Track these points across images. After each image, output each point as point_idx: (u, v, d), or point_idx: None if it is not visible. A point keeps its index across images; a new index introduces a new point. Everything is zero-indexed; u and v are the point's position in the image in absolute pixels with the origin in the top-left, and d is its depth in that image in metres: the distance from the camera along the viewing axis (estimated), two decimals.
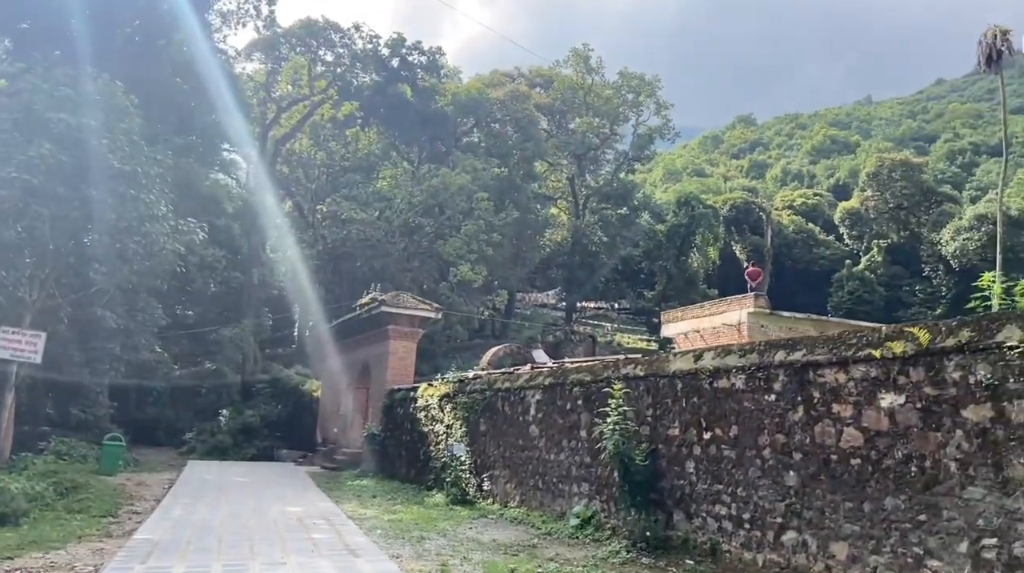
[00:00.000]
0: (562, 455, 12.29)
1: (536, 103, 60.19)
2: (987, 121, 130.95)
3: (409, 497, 15.86)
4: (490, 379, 15.08)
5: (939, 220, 69.10)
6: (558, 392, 12.62)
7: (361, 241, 44.19)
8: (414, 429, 18.28)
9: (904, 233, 72.21)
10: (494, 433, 14.60)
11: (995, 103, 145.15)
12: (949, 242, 64.00)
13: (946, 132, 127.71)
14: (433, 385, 17.83)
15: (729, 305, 26.05)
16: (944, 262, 65.13)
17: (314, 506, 14.11)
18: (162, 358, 32.97)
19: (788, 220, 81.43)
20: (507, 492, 13.83)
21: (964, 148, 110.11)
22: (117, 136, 14.98)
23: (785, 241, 77.40)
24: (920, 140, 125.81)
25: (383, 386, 20.96)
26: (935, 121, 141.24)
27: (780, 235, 76.24)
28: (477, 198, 44.28)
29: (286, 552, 9.30)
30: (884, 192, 73.21)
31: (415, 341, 21.45)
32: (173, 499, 14.65)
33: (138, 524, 11.83)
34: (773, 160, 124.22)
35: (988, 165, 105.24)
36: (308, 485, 18.05)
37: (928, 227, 69.55)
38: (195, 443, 29.92)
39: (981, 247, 61.80)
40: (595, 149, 62.74)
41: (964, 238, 63.11)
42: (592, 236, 59.95)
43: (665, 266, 61.55)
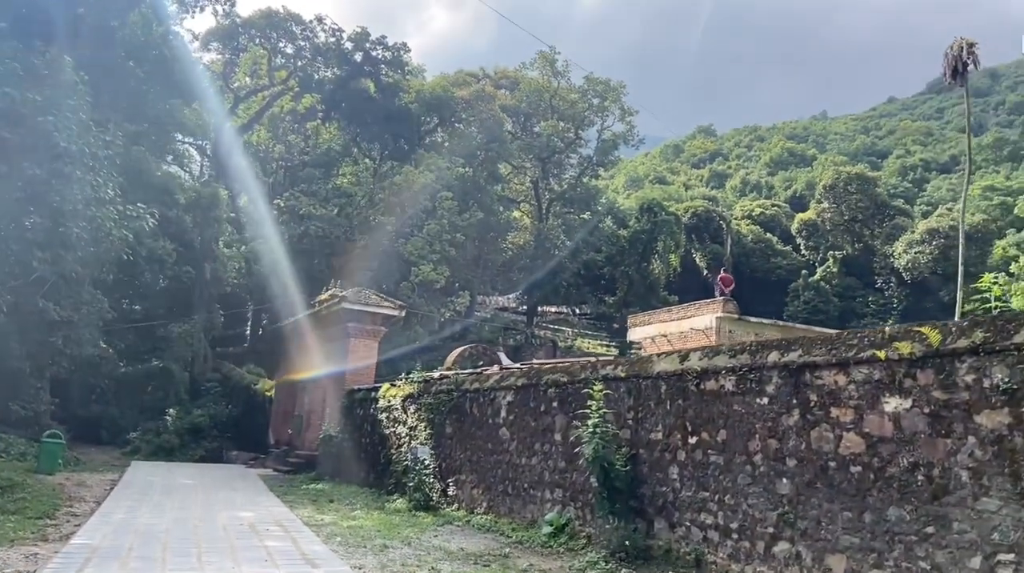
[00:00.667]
0: (534, 459, 11.74)
1: (502, 104, 59.72)
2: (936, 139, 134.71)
3: (369, 502, 15.14)
4: (457, 379, 14.47)
5: (892, 233, 70.63)
6: (531, 393, 12.07)
7: (320, 238, 43.11)
8: (375, 431, 17.56)
9: (858, 245, 73.64)
10: (461, 436, 13.99)
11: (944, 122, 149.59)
12: (902, 255, 65.42)
13: (898, 148, 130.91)
14: (396, 385, 17.14)
15: (698, 309, 25.84)
16: (896, 274, 66.57)
17: (267, 511, 13.31)
18: (107, 354, 31.57)
19: (747, 229, 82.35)
20: (474, 498, 13.23)
21: (915, 164, 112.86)
22: (64, 114, 14.01)
23: (744, 250, 78.27)
24: (873, 155, 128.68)
25: (342, 386, 20.16)
26: (887, 137, 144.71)
27: (739, 244, 77.04)
28: (441, 197, 43.62)
29: (237, 562, 8.57)
30: (840, 204, 74.62)
31: (377, 339, 20.71)
32: (115, 502, 13.70)
33: (76, 527, 10.94)
34: (733, 170, 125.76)
35: (938, 181, 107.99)
36: (260, 489, 17.18)
37: (881, 240, 71.07)
38: (140, 443, 28.68)
39: (932, 260, 63.30)
40: (560, 153, 62.43)
41: (916, 251, 64.56)
42: (555, 240, 59.64)
43: (627, 271, 61.52)
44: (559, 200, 62.86)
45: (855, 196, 74.91)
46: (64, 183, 13.92)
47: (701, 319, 24.66)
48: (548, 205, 62.41)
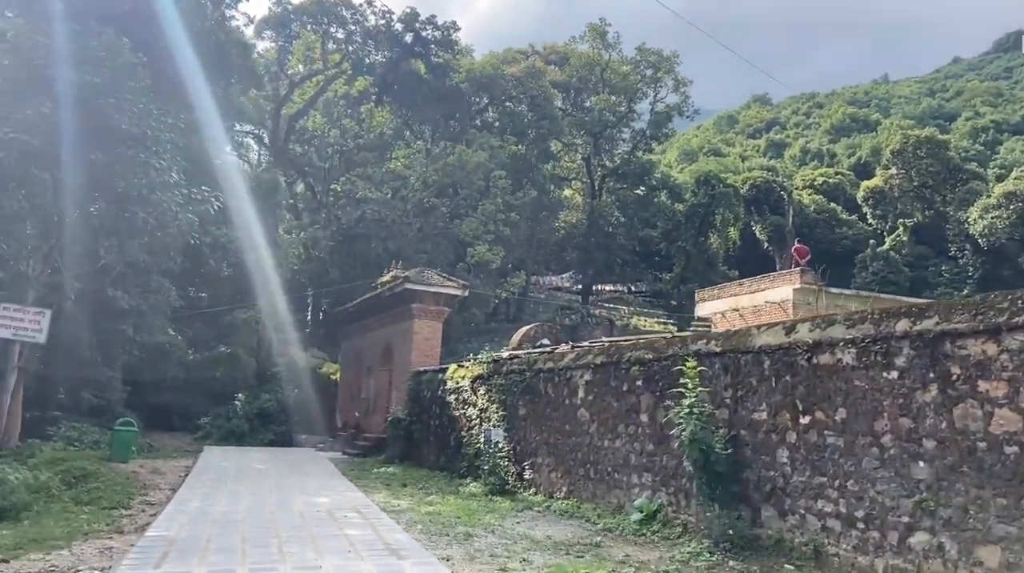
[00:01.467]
0: (618, 442, 11.10)
1: (552, 80, 58.63)
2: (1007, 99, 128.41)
3: (442, 486, 14.74)
4: (529, 359, 13.89)
5: (965, 198, 67.38)
6: (612, 372, 11.41)
7: (376, 222, 42.98)
8: (443, 413, 17.14)
9: (929, 212, 70.54)
10: (535, 417, 13.42)
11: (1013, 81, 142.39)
12: (977, 221, 62.36)
13: (966, 110, 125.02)
14: (464, 366, 16.66)
15: (772, 281, 24.72)
16: (971, 241, 63.54)
17: (342, 497, 12.99)
18: (176, 341, 31.90)
19: (809, 199, 79.74)
20: (552, 481, 12.67)
21: (986, 126, 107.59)
22: (124, 96, 13.77)
23: (807, 221, 75.89)
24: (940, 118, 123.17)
25: (407, 368, 19.82)
26: (955, 99, 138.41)
27: (801, 215, 74.71)
28: (494, 176, 43.02)
29: (320, 552, 8.17)
30: (909, 170, 71.48)
31: (441, 320, 20.28)
32: (189, 489, 13.57)
33: (152, 517, 10.74)
34: (791, 139, 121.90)
35: (1011, 143, 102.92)
36: (332, 473, 16.95)
37: (954, 206, 67.87)
38: (211, 428, 29.01)
39: (1010, 225, 60.23)
40: (612, 127, 61.08)
41: (993, 216, 61.44)
42: (609, 217, 58.49)
43: (684, 247, 60.10)
44: (612, 176, 61.66)
45: (925, 160, 71.67)
46: (127, 167, 13.71)
47: (777, 291, 23.56)
48: (601, 181, 61.28)
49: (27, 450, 15.59)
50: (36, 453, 15.33)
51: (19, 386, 16.33)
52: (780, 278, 24.55)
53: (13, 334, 14.23)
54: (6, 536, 8.67)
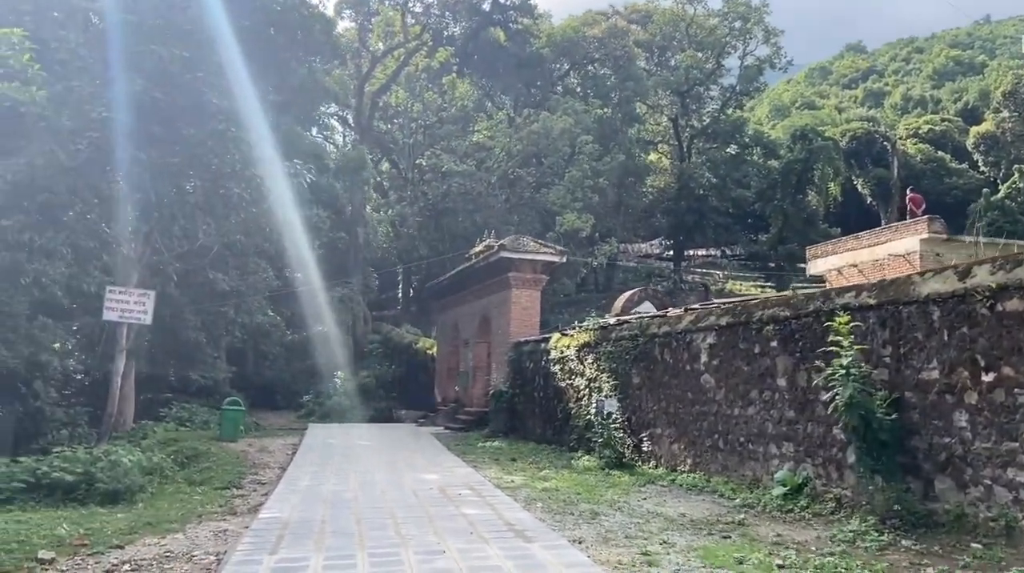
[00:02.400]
0: (751, 409, 10.13)
1: (635, 40, 56.67)
2: None
3: (553, 460, 14.09)
4: (642, 323, 12.99)
5: None
6: (740, 333, 10.42)
7: (462, 195, 42.60)
8: (548, 384, 16.46)
9: None
10: (651, 385, 12.55)
11: None
12: None
13: None
14: (569, 334, 15.91)
15: (895, 232, 22.87)
16: None
17: (452, 473, 12.50)
18: (276, 321, 32.45)
19: (914, 149, 75.10)
20: (674, 454, 11.81)
21: None
22: (212, 69, 13.52)
23: (912, 172, 71.62)
24: None
25: (506, 339, 19.22)
26: None
27: (907, 165, 70.53)
28: (580, 142, 41.85)
29: (440, 535, 7.60)
30: (1022, 112, 66.19)
31: (539, 288, 19.56)
32: (298, 468, 13.37)
33: (264, 497, 10.49)
34: (890, 87, 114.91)
35: None
36: (437, 448, 16.57)
37: None
38: (313, 406, 29.38)
39: None
40: (699, 84, 58.67)
41: None
42: (699, 178, 56.34)
43: (781, 206, 57.38)
44: (701, 136, 59.36)
45: None
46: (220, 143, 13.49)
47: (900, 243, 21.74)
48: (689, 142, 59.09)
49: (140, 432, 15.83)
50: (149, 434, 15.55)
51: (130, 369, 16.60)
52: (904, 228, 22.65)
53: (119, 316, 14.34)
54: (121, 519, 8.50)
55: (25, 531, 7.71)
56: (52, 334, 15.62)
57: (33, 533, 7.64)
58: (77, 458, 9.98)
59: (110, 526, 8.15)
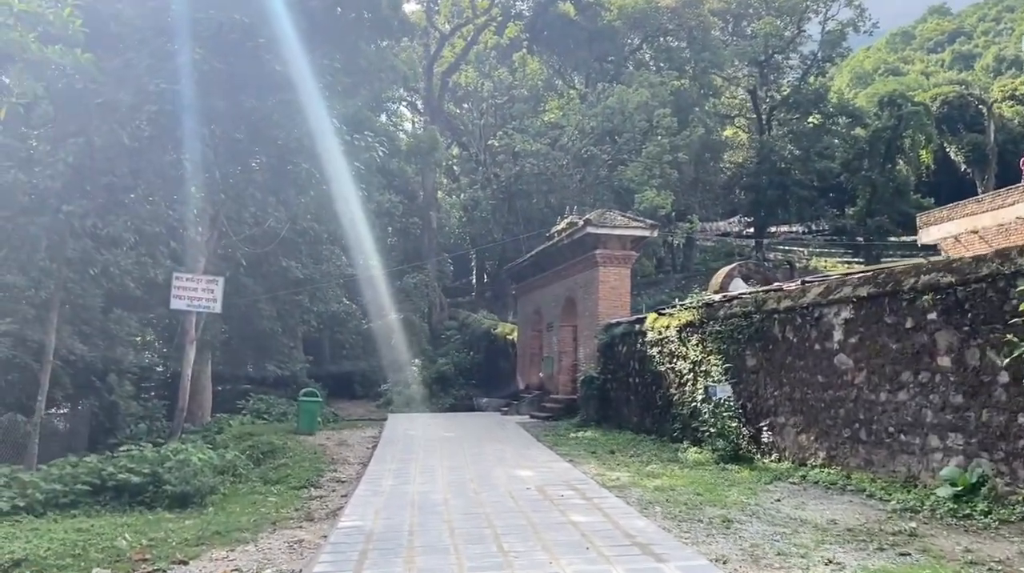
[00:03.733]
0: (902, 394, 8.58)
1: (710, 9, 54.23)
2: None
3: (656, 453, 12.74)
4: (757, 299, 11.48)
5: None
6: (886, 305, 8.85)
7: (535, 176, 41.30)
8: (645, 369, 15.08)
9: None
10: (771, 368, 11.06)
11: None
12: None
13: None
14: (666, 314, 14.49)
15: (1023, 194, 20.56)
16: None
17: (548, 469, 11.31)
18: (351, 309, 31.96)
19: (1011, 112, 70.18)
20: (802, 445, 10.32)
21: None
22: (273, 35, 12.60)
23: (1010, 136, 67.04)
24: None
25: (595, 321, 17.89)
26: None
27: (1003, 130, 65.95)
28: (658, 115, 39.92)
29: (549, 550, 6.41)
30: None
31: (628, 266, 18.14)
32: (379, 463, 12.41)
33: (343, 499, 9.53)
34: (981, 49, 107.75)
35: None
36: (526, 439, 15.42)
37: None
38: (391, 395, 28.75)
39: None
40: (779, 52, 55.73)
41: None
42: (781, 151, 53.54)
43: (869, 176, 54.14)
44: (781, 106, 56.40)
45: None
46: (284, 114, 12.57)
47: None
48: (769, 114, 56.23)
49: (216, 425, 15.20)
50: (224, 428, 14.90)
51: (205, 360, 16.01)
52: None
53: (188, 305, 13.66)
54: (188, 527, 7.62)
55: (84, 542, 6.90)
56: (127, 326, 15.10)
57: (92, 545, 6.82)
58: (144, 458, 9.22)
59: (175, 535, 7.27)
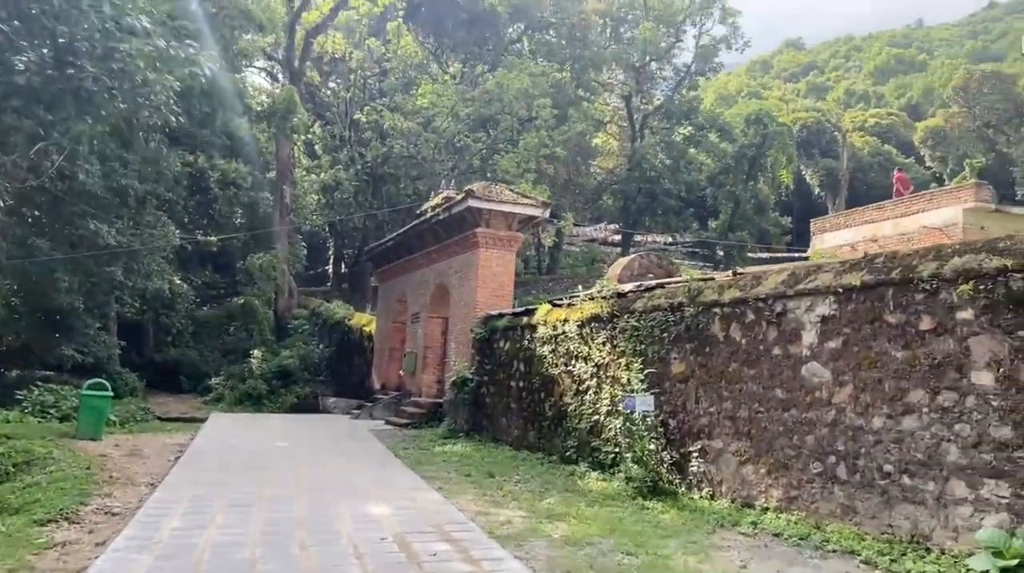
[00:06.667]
0: (908, 421, 6.30)
1: (592, 8, 53.34)
2: None
3: (548, 478, 10.03)
4: (691, 288, 9.02)
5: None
6: (889, 299, 6.57)
7: (405, 159, 38.10)
8: (532, 371, 12.39)
9: (991, 154, 65.21)
10: (706, 376, 8.63)
11: None
12: None
13: (1013, 51, 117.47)
14: (564, 306, 11.87)
15: (929, 201, 19.68)
16: None
17: (411, 502, 8.31)
18: (182, 290, 27.41)
19: (860, 142, 74.47)
20: (746, 480, 7.92)
21: None
22: None
23: (860, 164, 70.96)
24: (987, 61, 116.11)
25: (471, 312, 15.05)
26: (999, 41, 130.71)
27: (854, 158, 69.73)
28: (538, 105, 37.81)
29: None
30: (972, 108, 65.89)
31: (514, 250, 15.44)
32: (174, 489, 8.94)
33: (97, 550, 6.17)
34: (833, 82, 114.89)
35: None
36: (382, 454, 12.28)
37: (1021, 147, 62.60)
38: (223, 390, 24.76)
39: None
40: (657, 59, 55.60)
41: None
42: (652, 159, 53.25)
43: (733, 191, 55.02)
44: (655, 115, 56.35)
45: (991, 97, 66.00)
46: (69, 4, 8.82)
47: (937, 214, 18.53)
48: (642, 121, 55.97)
49: None
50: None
51: None
52: (943, 196, 19.46)
53: None
54: None
55: None
56: None
57: None
58: None
59: None
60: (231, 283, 34.30)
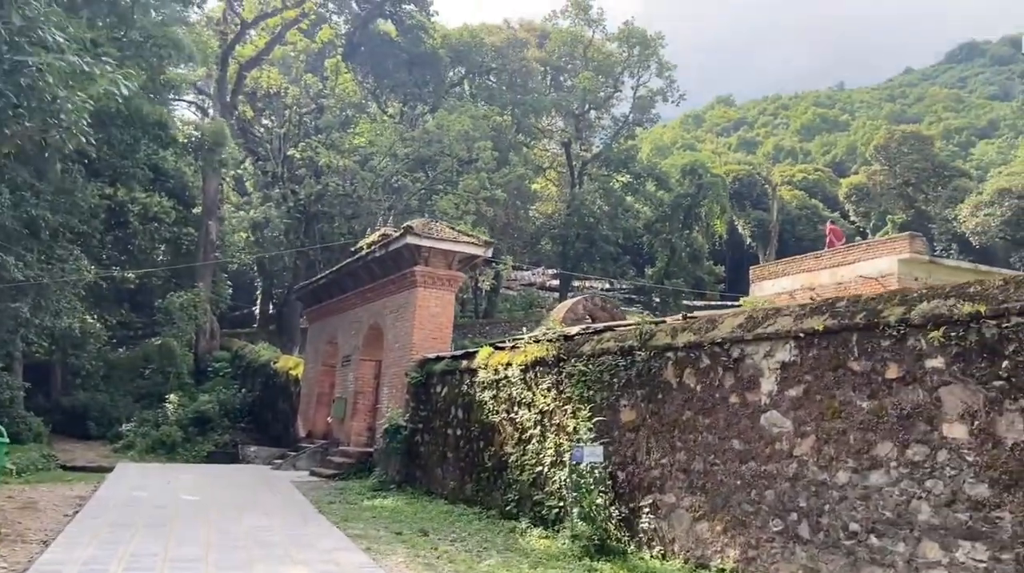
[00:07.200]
0: (875, 476, 5.89)
1: (532, 56, 54.12)
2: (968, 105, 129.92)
3: (486, 536, 9.29)
4: (642, 331, 8.55)
5: (953, 196, 65.21)
6: (854, 345, 6.20)
7: (340, 197, 37.31)
8: (471, 419, 11.69)
9: (910, 210, 68.29)
10: (658, 425, 8.13)
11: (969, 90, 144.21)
12: (968, 219, 59.80)
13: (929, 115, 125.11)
14: (506, 349, 11.27)
15: (864, 251, 19.95)
16: (959, 240, 61.28)
17: (334, 566, 7.46)
18: (93, 329, 25.79)
19: (789, 195, 77.10)
20: (701, 538, 7.39)
21: (959, 127, 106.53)
22: None
23: (788, 217, 73.21)
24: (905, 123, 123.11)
25: (407, 355, 14.30)
26: (916, 105, 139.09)
27: (783, 211, 71.95)
28: (479, 147, 37.66)
29: None
30: (893, 166, 69.13)
31: (453, 290, 14.81)
32: (66, 549, 7.87)
33: None
34: (762, 138, 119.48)
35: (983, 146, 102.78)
36: (304, 509, 11.31)
37: (939, 204, 65.64)
38: (135, 437, 23.15)
39: (1004, 223, 57.78)
40: (596, 108, 56.57)
41: (986, 214, 58.94)
42: (591, 206, 53.78)
43: (669, 239, 55.89)
44: (593, 162, 57.11)
45: (910, 156, 69.51)
46: None
47: (873, 263, 18.79)
48: (581, 168, 56.65)
49: None
50: None
51: None
52: (878, 247, 19.76)
53: None
54: None
55: None
56: None
57: None
58: None
59: None
60: (149, 323, 32.55)
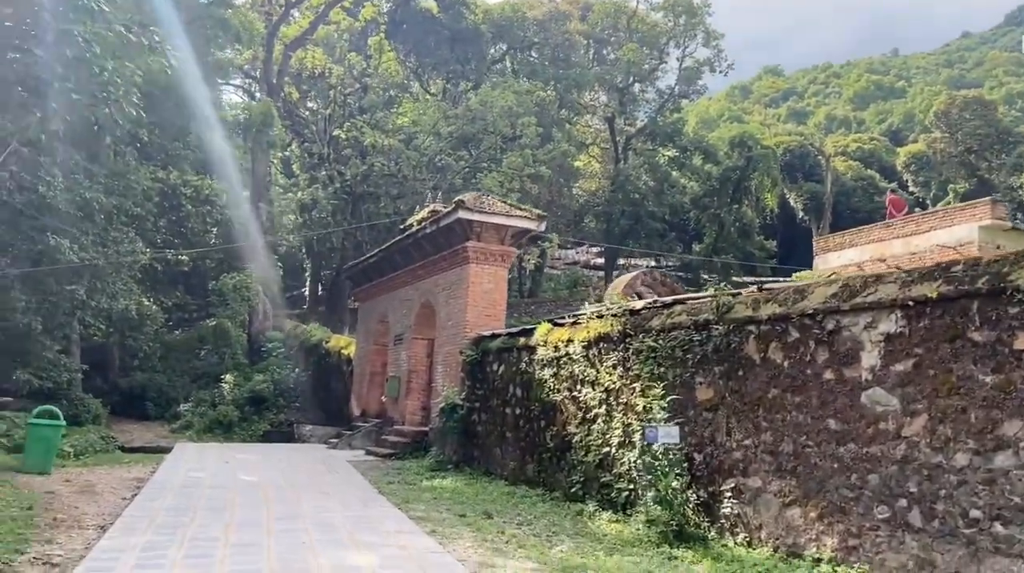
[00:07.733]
0: (1001, 458, 5.28)
1: (575, 28, 53.02)
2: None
3: (553, 519, 8.88)
4: (719, 303, 7.98)
5: (1018, 163, 62.30)
6: (975, 314, 5.57)
7: (386, 177, 37.08)
8: (531, 397, 11.27)
9: (972, 179, 65.48)
10: (740, 404, 7.58)
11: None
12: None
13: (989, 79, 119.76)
14: (568, 324, 10.78)
15: (942, 218, 18.91)
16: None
17: (402, 552, 7.13)
18: (150, 310, 25.97)
19: (843, 166, 74.55)
20: (792, 525, 6.85)
21: (1022, 91, 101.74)
22: None
23: (843, 189, 70.85)
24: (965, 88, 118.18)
25: (460, 333, 13.92)
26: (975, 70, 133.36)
27: (837, 182, 69.60)
28: (523, 123, 37.00)
29: None
30: (954, 133, 66.11)
31: (507, 266, 14.36)
32: (125, 533, 7.69)
33: None
34: (812, 108, 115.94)
35: None
36: (363, 490, 11.06)
37: (1004, 172, 62.77)
38: (192, 417, 23.35)
39: None
40: (641, 80, 55.21)
41: None
42: (636, 182, 52.63)
43: (717, 214, 54.32)
44: (638, 137, 55.82)
45: (972, 123, 66.26)
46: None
47: (950, 231, 17.79)
48: (626, 143, 55.42)
49: None
50: None
51: None
52: (956, 214, 18.72)
53: None
54: None
55: None
56: None
57: None
58: None
59: None
60: (203, 305, 32.87)
